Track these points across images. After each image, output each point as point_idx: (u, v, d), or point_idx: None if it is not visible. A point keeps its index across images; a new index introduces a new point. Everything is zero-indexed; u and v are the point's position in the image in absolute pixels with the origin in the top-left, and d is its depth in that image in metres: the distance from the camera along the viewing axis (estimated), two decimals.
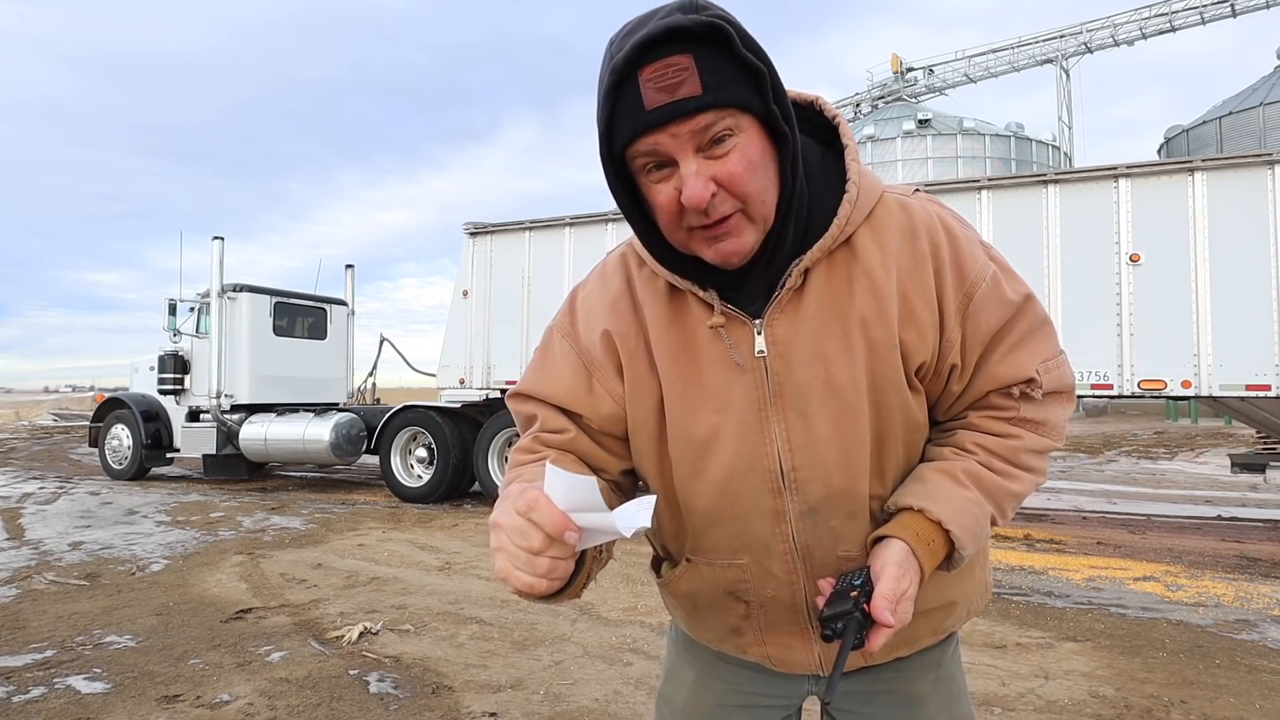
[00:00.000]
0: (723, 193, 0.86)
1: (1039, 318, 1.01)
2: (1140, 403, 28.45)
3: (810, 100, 1.01)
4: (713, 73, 0.81)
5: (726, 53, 0.82)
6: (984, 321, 0.97)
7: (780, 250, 0.93)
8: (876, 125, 28.20)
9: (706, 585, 1.08)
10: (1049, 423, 1.02)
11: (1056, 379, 1.01)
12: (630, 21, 0.85)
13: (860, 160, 0.98)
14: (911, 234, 0.97)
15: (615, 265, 1.08)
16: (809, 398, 0.96)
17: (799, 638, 1.08)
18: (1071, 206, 6.83)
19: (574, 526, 0.77)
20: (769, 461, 0.98)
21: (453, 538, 7.01)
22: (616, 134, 0.85)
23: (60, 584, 5.23)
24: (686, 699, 1.21)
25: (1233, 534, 7.26)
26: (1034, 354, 1.00)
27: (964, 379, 1.00)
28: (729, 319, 0.96)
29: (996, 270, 0.99)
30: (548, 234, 9.06)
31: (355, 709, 3.23)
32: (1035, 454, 1.02)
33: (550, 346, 1.08)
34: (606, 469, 1.05)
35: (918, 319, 0.95)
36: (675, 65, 0.81)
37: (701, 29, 0.81)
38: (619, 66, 0.82)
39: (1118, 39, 30.63)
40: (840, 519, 1.00)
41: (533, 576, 0.79)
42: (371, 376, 12.42)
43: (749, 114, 0.85)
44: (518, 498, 0.80)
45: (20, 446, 17.44)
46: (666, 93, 0.81)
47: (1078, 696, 3.33)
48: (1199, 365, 6.33)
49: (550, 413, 1.04)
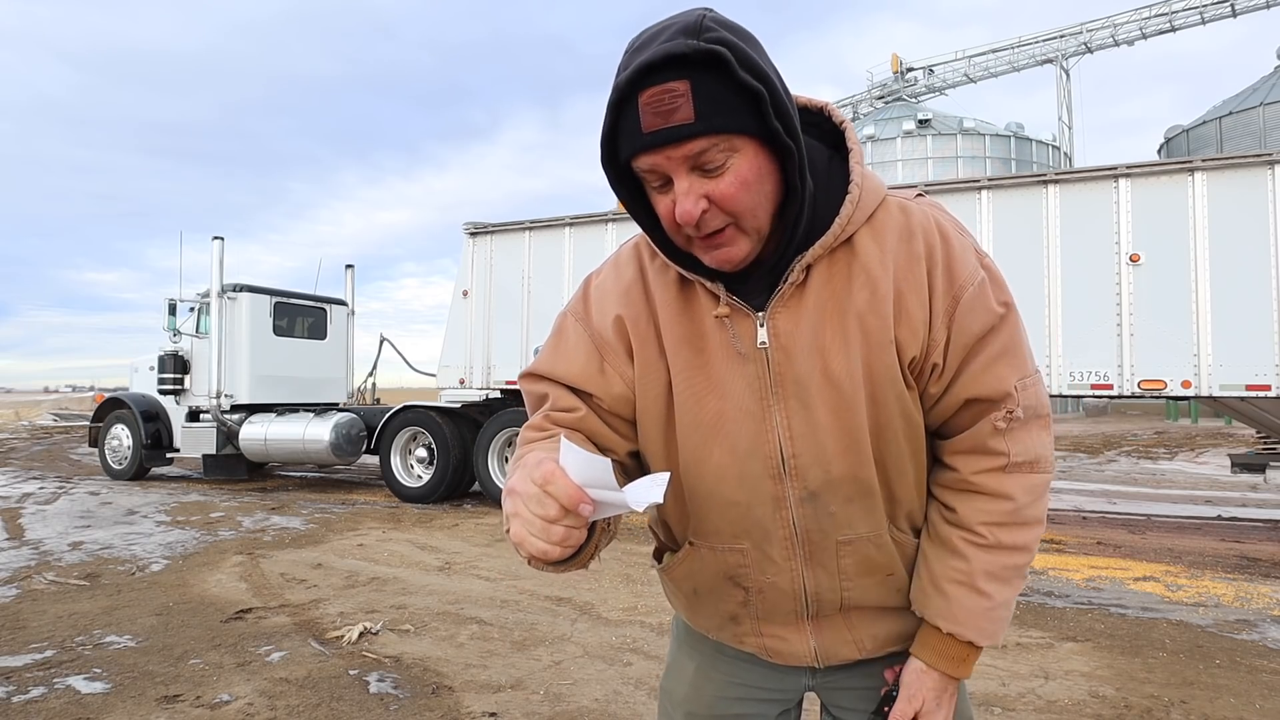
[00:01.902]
0: (714, 209, 0.90)
1: (1017, 332, 1.03)
2: (1140, 403, 28.47)
3: (820, 106, 1.04)
4: (708, 99, 0.84)
5: (726, 78, 0.84)
6: (968, 325, 1.00)
7: (786, 247, 0.97)
8: (876, 125, 28.20)
9: (707, 569, 1.11)
10: (1040, 460, 1.04)
11: (1034, 397, 1.04)
12: (646, 32, 0.89)
13: (864, 164, 1.01)
14: (909, 235, 1.00)
15: (629, 255, 1.12)
16: (808, 388, 1.00)
17: (795, 629, 1.12)
18: (1071, 206, 6.83)
19: (588, 499, 0.80)
20: (770, 448, 1.02)
21: (453, 538, 7.01)
22: (620, 147, 0.91)
23: (60, 584, 5.23)
24: (687, 691, 1.25)
25: (1233, 534, 7.26)
26: (1012, 369, 1.02)
27: (943, 381, 1.02)
28: (734, 310, 1.01)
29: (985, 277, 1.01)
30: (548, 234, 9.06)
31: (355, 709, 3.23)
32: (1035, 501, 1.05)
33: (564, 330, 1.12)
34: (614, 449, 1.08)
35: (911, 316, 0.98)
36: (671, 92, 0.84)
37: (700, 55, 0.83)
38: (621, 86, 0.86)
39: (1118, 39, 30.64)
40: (839, 504, 1.04)
41: (546, 544, 0.81)
42: (371, 376, 12.42)
43: (744, 135, 0.87)
44: (535, 468, 0.82)
45: (20, 446, 17.44)
46: (662, 118, 0.85)
47: (1078, 696, 3.34)
48: (1199, 365, 6.33)
49: (562, 392, 1.07)
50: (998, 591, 1.03)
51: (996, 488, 1.03)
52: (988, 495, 1.03)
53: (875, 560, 1.07)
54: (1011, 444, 1.02)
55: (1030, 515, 1.04)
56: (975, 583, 1.03)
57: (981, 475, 1.04)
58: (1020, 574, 1.05)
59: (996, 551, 1.03)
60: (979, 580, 1.03)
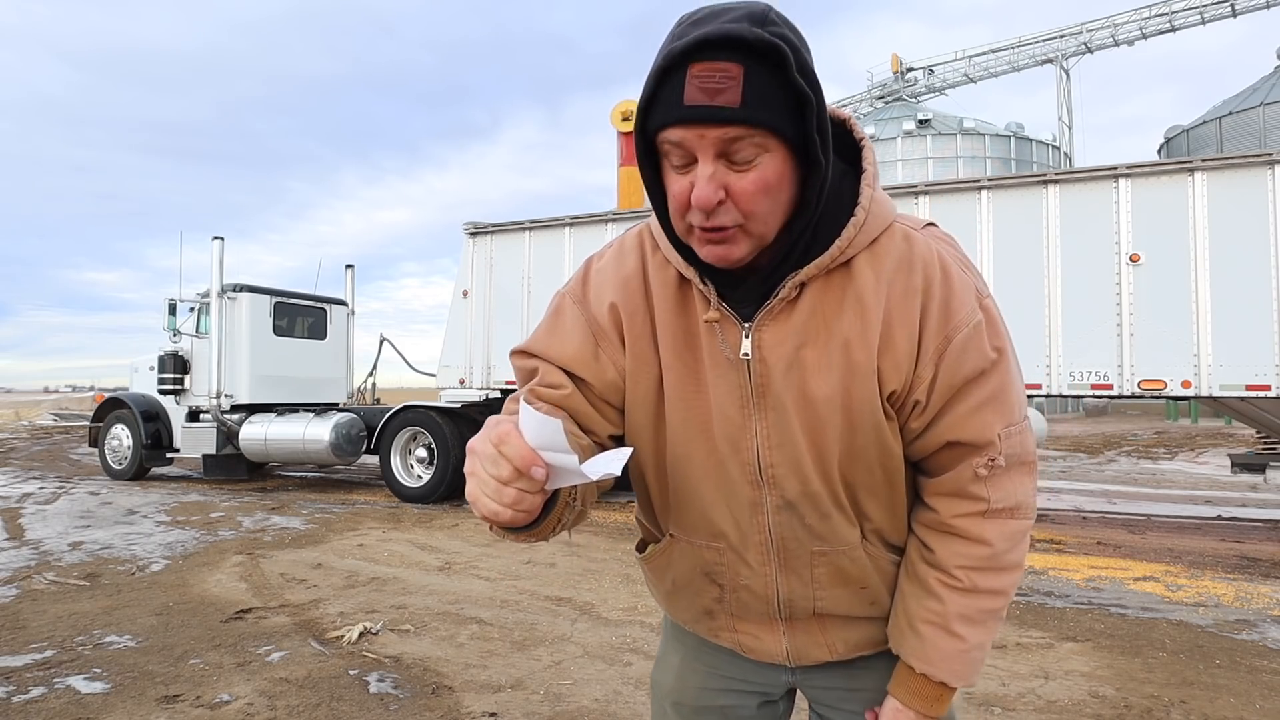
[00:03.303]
0: (729, 203, 0.88)
1: (1008, 378, 1.02)
2: (1140, 403, 28.46)
3: (843, 119, 1.02)
4: (757, 90, 0.83)
5: (779, 74, 0.83)
6: (958, 367, 0.98)
7: (782, 261, 0.96)
8: (876, 125, 28.20)
9: (685, 563, 1.13)
10: (1020, 506, 1.03)
11: (1019, 445, 1.02)
12: (704, 9, 0.87)
13: (878, 186, 0.99)
14: (908, 266, 0.98)
15: (632, 244, 1.10)
16: (785, 403, 1.00)
17: (768, 629, 1.13)
18: (1071, 206, 6.83)
19: (540, 463, 0.80)
20: (748, 455, 1.02)
21: (453, 538, 7.01)
22: (653, 115, 0.88)
23: (60, 584, 5.23)
24: (673, 683, 1.27)
25: (1233, 534, 7.26)
26: (999, 416, 1.00)
27: (924, 418, 1.01)
28: (723, 316, 1.00)
29: (982, 320, 0.99)
30: (548, 234, 9.07)
31: (355, 709, 3.23)
32: (1013, 547, 1.04)
33: (561, 311, 1.11)
34: (596, 431, 1.08)
35: (896, 349, 0.97)
36: (724, 71, 0.82)
37: (761, 45, 0.82)
38: (673, 54, 0.84)
39: (1118, 39, 30.64)
40: (815, 518, 1.04)
41: (498, 504, 0.81)
42: (371, 376, 12.42)
43: (780, 137, 0.86)
44: (493, 428, 0.83)
45: (20, 446, 17.44)
46: (707, 95, 0.83)
47: (1078, 696, 3.34)
48: (1199, 365, 6.33)
49: (551, 369, 1.07)
50: (971, 634, 1.03)
51: (975, 532, 1.02)
52: (966, 539, 1.03)
53: (849, 572, 1.07)
54: (992, 490, 1.01)
55: (1008, 561, 1.03)
56: (949, 625, 1.02)
57: (960, 519, 1.03)
58: (995, 617, 1.05)
59: (971, 595, 1.02)
60: (953, 623, 1.02)
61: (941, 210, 7.20)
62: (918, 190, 7.45)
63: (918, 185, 7.52)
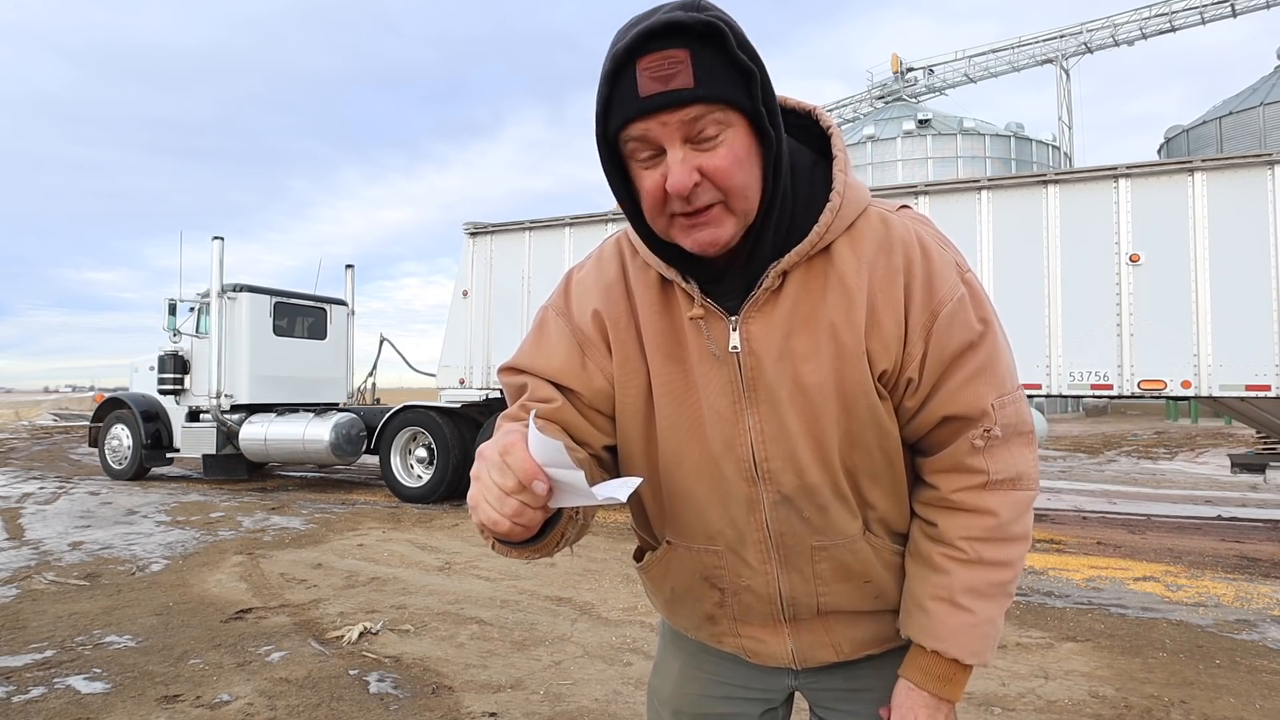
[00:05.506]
0: (706, 183, 0.89)
1: (997, 349, 1.02)
2: (1140, 403, 28.46)
3: (808, 110, 1.04)
4: (706, 69, 0.85)
5: (722, 52, 0.86)
6: (946, 342, 0.99)
7: (760, 250, 0.96)
8: (876, 125, 28.19)
9: (684, 569, 1.12)
10: (1022, 477, 1.03)
11: (1014, 415, 1.02)
12: (638, 15, 0.90)
13: (851, 171, 1.00)
14: (888, 247, 0.99)
15: (611, 251, 1.11)
16: (779, 394, 1.00)
17: (772, 631, 1.12)
18: (1071, 206, 6.83)
19: (543, 477, 0.80)
20: (742, 451, 1.02)
21: (453, 538, 7.01)
22: (612, 117, 0.89)
23: (60, 584, 5.23)
24: (672, 689, 1.25)
25: (1233, 534, 7.26)
26: (991, 386, 1.00)
27: (918, 396, 1.01)
28: (708, 312, 1.00)
29: (965, 293, 1.00)
30: (548, 234, 9.07)
31: (355, 709, 3.23)
32: (1018, 517, 1.03)
33: (545, 325, 1.11)
34: (590, 443, 1.08)
35: (883, 329, 0.98)
36: (671, 58, 0.85)
37: (701, 27, 0.85)
38: (619, 54, 0.86)
39: (1118, 39, 30.63)
40: (813, 511, 1.03)
41: (498, 513, 0.81)
42: (371, 376, 12.43)
43: (737, 111, 0.88)
44: (502, 438, 0.83)
45: (20, 446, 17.44)
46: (660, 82, 0.85)
47: (1078, 696, 3.34)
48: (1199, 365, 6.33)
49: (540, 383, 1.08)
50: (980, 607, 1.01)
51: (977, 504, 1.02)
52: (969, 512, 1.02)
53: (851, 566, 1.07)
54: (991, 462, 1.01)
55: (1013, 531, 1.02)
56: (955, 598, 1.01)
57: (961, 493, 1.02)
58: (1005, 591, 1.03)
59: (977, 567, 1.01)
60: (959, 595, 1.01)
61: (941, 210, 7.20)
62: (917, 190, 7.45)
63: (918, 185, 7.52)
